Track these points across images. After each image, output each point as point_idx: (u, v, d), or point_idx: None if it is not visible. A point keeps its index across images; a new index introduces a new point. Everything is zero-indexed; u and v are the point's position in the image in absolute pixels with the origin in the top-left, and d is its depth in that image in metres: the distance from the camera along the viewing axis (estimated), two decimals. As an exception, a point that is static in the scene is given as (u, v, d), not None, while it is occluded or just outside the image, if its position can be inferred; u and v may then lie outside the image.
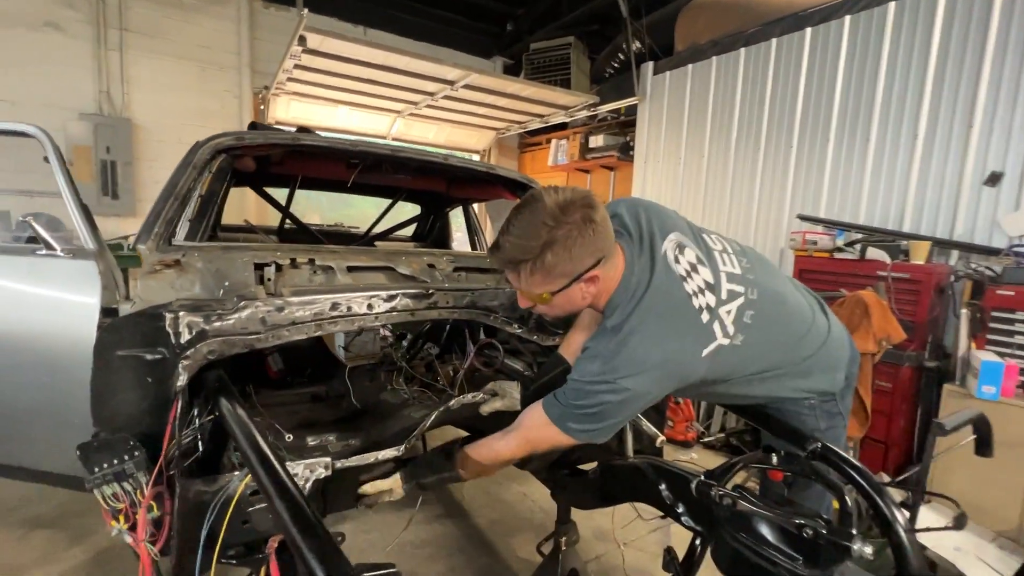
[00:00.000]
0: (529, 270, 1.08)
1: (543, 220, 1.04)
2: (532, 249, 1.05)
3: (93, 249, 1.36)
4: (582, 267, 1.08)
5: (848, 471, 1.06)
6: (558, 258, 1.05)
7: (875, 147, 3.33)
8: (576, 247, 1.05)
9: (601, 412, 1.11)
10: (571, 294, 1.13)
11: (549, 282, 1.10)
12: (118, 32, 5.07)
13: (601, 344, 1.14)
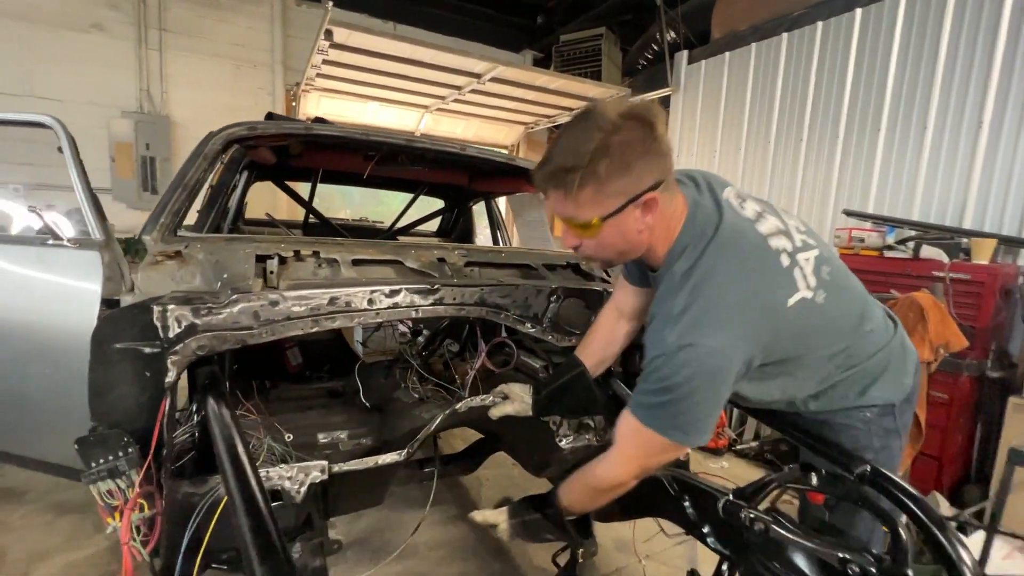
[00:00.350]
0: (578, 182, 0.90)
1: (598, 125, 0.89)
2: (583, 155, 0.89)
3: (100, 240, 1.35)
4: (640, 185, 0.91)
5: (903, 500, 0.92)
6: (613, 168, 0.89)
7: (933, 136, 3.06)
8: (635, 159, 0.90)
9: (692, 393, 0.92)
10: (624, 223, 0.95)
11: (600, 201, 0.92)
12: (158, 32, 5.23)
13: (669, 301, 0.96)
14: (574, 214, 0.96)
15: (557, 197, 0.96)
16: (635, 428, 0.99)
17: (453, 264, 1.49)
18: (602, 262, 1.09)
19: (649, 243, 1.01)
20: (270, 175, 2.77)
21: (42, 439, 1.35)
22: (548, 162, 0.94)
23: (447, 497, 2.70)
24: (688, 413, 0.95)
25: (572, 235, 1.01)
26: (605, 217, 0.94)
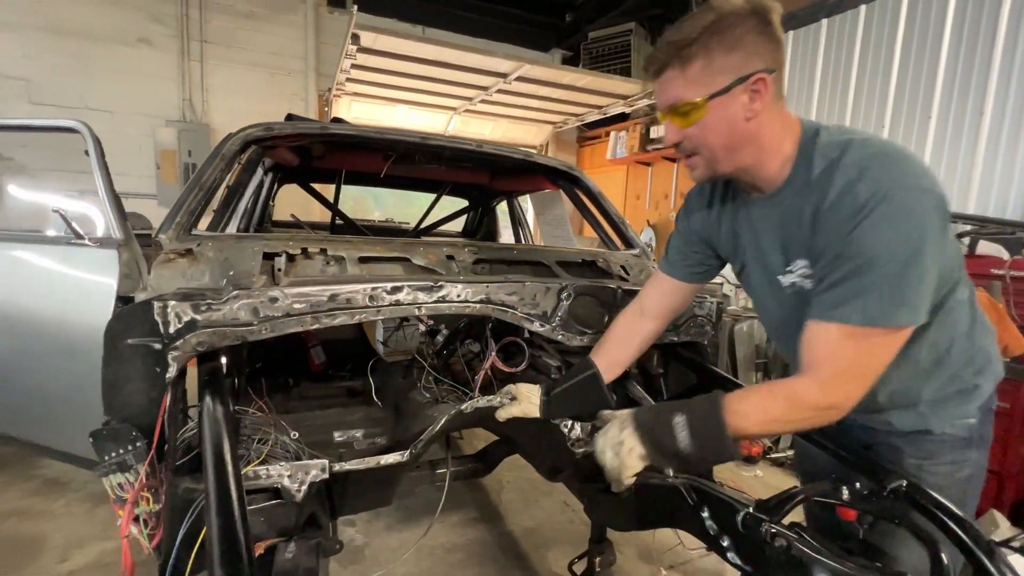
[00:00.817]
0: (686, 56, 0.88)
1: (714, 6, 0.88)
2: (694, 29, 0.87)
3: (120, 239, 1.38)
4: (749, 65, 0.87)
5: (944, 519, 0.82)
6: (723, 43, 0.87)
7: (991, 122, 2.82)
8: (746, 36, 0.87)
9: (910, 231, 0.80)
10: (731, 105, 0.89)
11: (708, 79, 0.88)
12: (199, 44, 5.46)
13: (813, 196, 0.89)
14: (680, 94, 0.91)
15: (665, 79, 0.93)
16: (844, 334, 0.85)
17: (462, 261, 1.46)
18: (706, 164, 0.97)
19: (757, 140, 0.93)
20: (295, 177, 2.82)
21: (66, 431, 1.40)
22: (658, 44, 0.93)
23: (467, 500, 2.67)
24: (908, 280, 0.82)
25: (675, 128, 0.96)
26: (711, 96, 0.89)
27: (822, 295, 0.89)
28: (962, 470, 1.03)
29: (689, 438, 0.95)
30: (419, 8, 6.36)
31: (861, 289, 0.83)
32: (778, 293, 1.05)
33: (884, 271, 0.82)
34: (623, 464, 1.01)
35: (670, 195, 6.01)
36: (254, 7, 5.63)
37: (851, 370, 0.87)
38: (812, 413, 0.90)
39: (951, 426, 1.03)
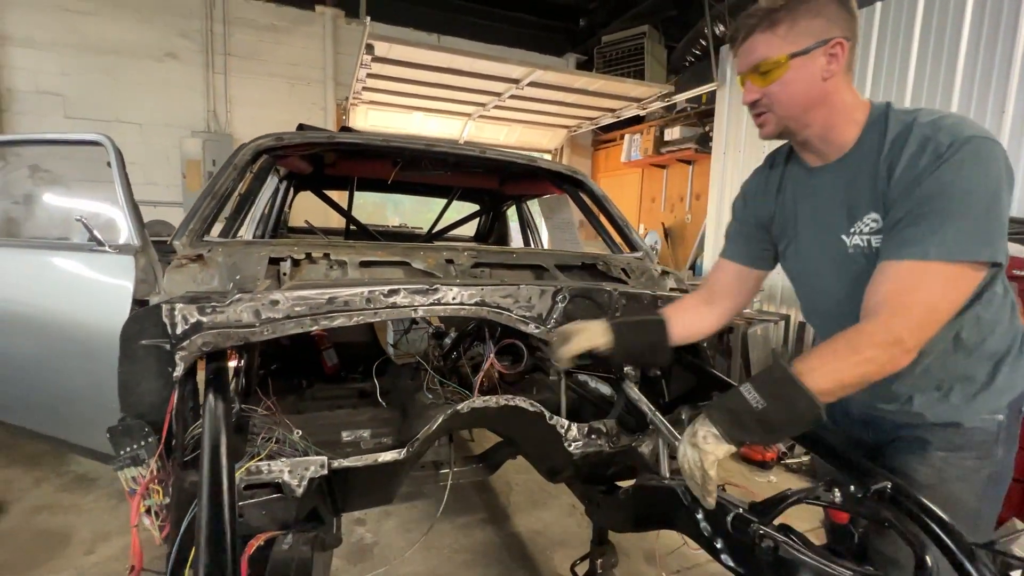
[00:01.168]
0: (774, 20, 0.97)
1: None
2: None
3: (137, 245, 1.46)
4: (829, 31, 0.95)
5: (926, 521, 0.81)
6: (808, 10, 0.95)
7: (1013, 121, 2.74)
8: (829, 8, 0.95)
9: (972, 180, 0.84)
10: (810, 66, 0.96)
11: (791, 37, 0.96)
12: (223, 57, 5.66)
13: (897, 119, 0.96)
14: (765, 53, 0.99)
15: (751, 42, 1.01)
16: (918, 270, 0.86)
17: (460, 265, 1.50)
18: (777, 120, 1.03)
19: (829, 102, 0.99)
20: (310, 185, 2.91)
21: (88, 428, 1.48)
22: (750, 12, 1.01)
23: (475, 502, 2.70)
24: (989, 219, 0.85)
25: (754, 87, 1.03)
26: (793, 55, 0.96)
27: (896, 235, 0.91)
28: (986, 467, 1.03)
29: (760, 398, 0.90)
30: (435, 17, 6.46)
31: (941, 224, 0.85)
32: (838, 257, 1.05)
33: (967, 206, 0.84)
34: (703, 452, 0.93)
35: (685, 197, 5.96)
36: (275, 20, 5.81)
37: (919, 305, 0.86)
38: (877, 352, 0.86)
39: (980, 420, 1.03)
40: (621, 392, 1.58)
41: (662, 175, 6.32)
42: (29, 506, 2.47)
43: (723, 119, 4.70)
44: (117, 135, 5.58)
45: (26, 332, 1.54)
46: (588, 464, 1.54)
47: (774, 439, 1.01)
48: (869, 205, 0.99)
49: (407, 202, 7.20)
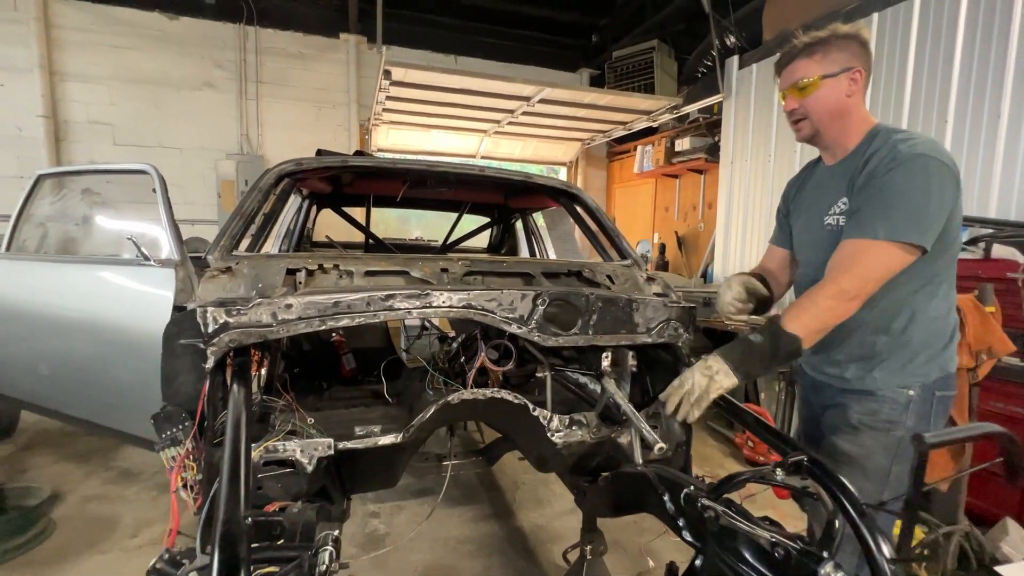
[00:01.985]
0: (812, 50, 1.26)
1: (829, 28, 1.28)
2: (821, 33, 1.27)
3: (177, 259, 1.69)
4: (853, 62, 1.25)
5: (833, 488, 0.93)
6: (838, 46, 1.25)
7: (1008, 125, 2.77)
8: (853, 46, 1.25)
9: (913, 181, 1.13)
10: (837, 86, 1.26)
11: (825, 64, 1.25)
12: (255, 85, 6.07)
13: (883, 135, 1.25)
14: (804, 73, 1.28)
15: (793, 66, 1.30)
16: (866, 244, 1.14)
17: (453, 273, 1.67)
18: (812, 126, 1.33)
19: (847, 116, 1.28)
20: (330, 203, 3.15)
21: (135, 418, 1.71)
22: (792, 45, 1.31)
23: (482, 498, 2.85)
24: (922, 210, 1.12)
25: (793, 99, 1.32)
26: (825, 76, 1.25)
27: (853, 219, 1.20)
28: (896, 431, 1.24)
29: (760, 337, 1.15)
30: (452, 39, 6.75)
31: (885, 213, 1.13)
32: (818, 232, 1.36)
33: (906, 202, 1.12)
34: (712, 382, 1.15)
35: (698, 206, 6.03)
36: (303, 48, 6.21)
37: (861, 266, 1.14)
38: (830, 301, 1.14)
39: (892, 391, 1.25)
40: (603, 387, 1.72)
41: (675, 184, 6.41)
42: (81, 496, 2.74)
43: (730, 129, 4.79)
44: (159, 159, 6.04)
45: (84, 336, 1.79)
46: (573, 454, 1.68)
47: (769, 369, 1.27)
48: (844, 192, 1.29)
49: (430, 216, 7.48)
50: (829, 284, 1.16)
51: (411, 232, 7.06)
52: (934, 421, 1.26)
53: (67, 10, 5.44)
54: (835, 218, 1.31)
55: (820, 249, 1.33)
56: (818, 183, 1.43)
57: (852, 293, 1.13)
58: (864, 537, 0.85)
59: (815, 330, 1.16)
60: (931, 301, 1.25)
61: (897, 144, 1.19)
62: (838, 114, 1.30)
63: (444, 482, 1.89)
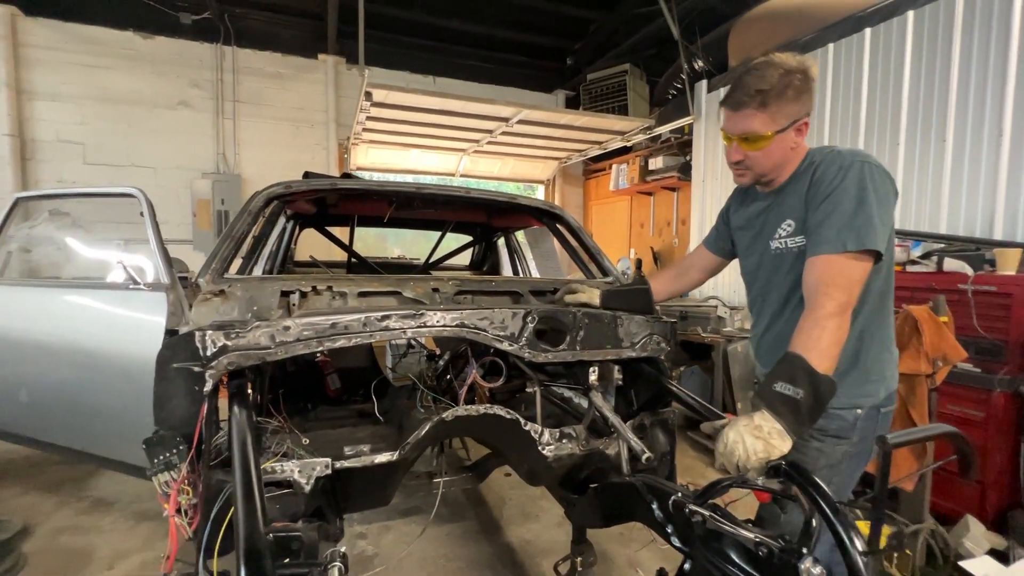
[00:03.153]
0: (763, 102, 1.23)
1: (781, 66, 1.23)
2: (773, 79, 1.21)
3: (167, 283, 1.70)
4: (801, 112, 1.26)
5: (809, 490, 1.01)
6: (788, 96, 1.23)
7: (953, 148, 3.01)
8: (803, 94, 1.24)
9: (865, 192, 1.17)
10: (786, 139, 1.27)
11: (776, 119, 1.24)
12: (232, 104, 6.04)
13: (811, 173, 1.27)
14: (754, 128, 1.26)
15: (743, 113, 1.27)
16: (833, 260, 1.17)
17: (444, 293, 1.73)
18: (755, 175, 1.36)
19: (790, 160, 1.31)
20: (314, 223, 3.17)
21: (122, 444, 1.69)
22: (742, 87, 1.26)
23: (470, 515, 2.86)
24: (875, 218, 1.16)
25: (739, 151, 1.32)
26: (776, 132, 1.25)
27: (813, 237, 1.23)
28: (842, 445, 1.30)
29: (796, 389, 1.07)
30: (431, 60, 6.87)
31: (848, 223, 1.17)
32: (765, 256, 1.41)
33: (862, 209, 1.16)
34: (770, 447, 1.05)
35: (672, 222, 6.23)
36: (281, 69, 6.23)
37: (840, 281, 1.16)
38: (831, 321, 1.13)
39: (842, 409, 1.29)
40: (590, 401, 1.79)
41: (649, 202, 6.62)
42: (52, 528, 2.64)
43: (700, 150, 5.00)
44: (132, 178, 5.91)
45: (69, 362, 1.77)
46: (563, 467, 1.73)
47: (810, 427, 1.15)
48: (788, 215, 1.33)
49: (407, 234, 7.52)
50: (825, 302, 1.14)
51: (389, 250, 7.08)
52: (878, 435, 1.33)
53: (36, 28, 5.35)
54: (782, 241, 1.34)
55: (770, 271, 1.39)
56: (760, 210, 1.44)
57: (848, 304, 1.15)
58: (839, 533, 0.92)
59: (833, 356, 1.12)
60: (876, 318, 1.30)
61: (834, 160, 1.24)
62: (782, 163, 1.32)
63: (436, 500, 1.91)
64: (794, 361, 1.11)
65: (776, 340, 1.40)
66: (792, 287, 1.33)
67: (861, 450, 1.31)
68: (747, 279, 1.53)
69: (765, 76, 1.23)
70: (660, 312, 1.85)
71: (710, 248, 1.72)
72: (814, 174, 1.27)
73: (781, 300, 1.38)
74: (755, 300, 1.50)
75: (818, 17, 3.73)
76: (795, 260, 1.31)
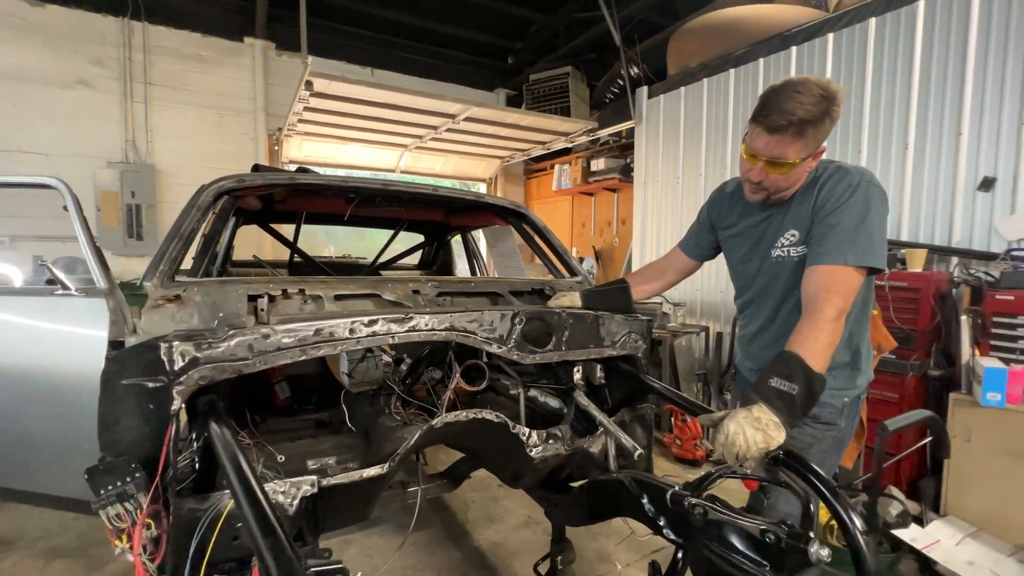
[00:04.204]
0: (800, 131, 1.23)
1: (823, 93, 1.23)
2: (814, 110, 1.22)
3: (104, 288, 1.49)
4: (822, 140, 1.30)
5: (809, 477, 1.08)
6: (825, 125, 1.26)
7: (867, 159, 3.36)
8: (827, 122, 1.26)
9: (877, 219, 1.26)
10: (806, 164, 1.32)
11: (807, 146, 1.27)
12: (143, 86, 5.44)
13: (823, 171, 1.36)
14: (785, 154, 1.28)
15: (780, 139, 1.26)
16: (835, 271, 1.25)
17: (426, 295, 1.66)
18: (770, 192, 1.39)
19: (802, 179, 1.37)
20: (256, 219, 2.93)
21: (51, 475, 1.46)
22: (781, 111, 1.24)
23: (434, 521, 2.79)
24: (869, 231, 1.26)
25: (762, 172, 1.34)
26: (804, 159, 1.29)
27: (815, 248, 1.31)
28: (832, 432, 1.42)
29: (791, 384, 1.14)
30: (369, 52, 6.60)
31: (851, 239, 1.26)
32: (764, 263, 1.48)
33: (864, 229, 1.26)
34: (769, 438, 1.09)
35: (612, 222, 6.45)
36: (200, 51, 5.69)
37: (839, 289, 1.24)
38: (829, 325, 1.20)
39: (833, 397, 1.41)
40: (572, 400, 1.80)
41: (591, 202, 6.80)
42: (-62, 578, 2.25)
43: (641, 153, 5.21)
44: (18, 165, 5.18)
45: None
46: (547, 467, 1.73)
47: (802, 420, 1.20)
48: (792, 225, 1.40)
49: (339, 231, 7.18)
50: (825, 307, 1.21)
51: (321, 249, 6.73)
52: (855, 419, 1.49)
53: None
54: (785, 250, 1.42)
55: (769, 277, 1.48)
56: (762, 219, 1.49)
57: (843, 311, 1.23)
58: (840, 514, 0.99)
59: (828, 358, 1.19)
60: (864, 319, 1.45)
61: (842, 178, 1.32)
62: (797, 182, 1.36)
63: (414, 512, 1.84)
64: (791, 359, 1.17)
65: (771, 338, 1.50)
66: (788, 291, 1.43)
67: (845, 434, 1.44)
68: (742, 283, 1.60)
69: (806, 104, 1.21)
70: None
71: (687, 252, 1.80)
72: (821, 189, 1.34)
73: (777, 303, 1.48)
74: (749, 302, 1.58)
75: (751, 32, 4.01)
76: (795, 267, 1.40)
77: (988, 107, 2.84)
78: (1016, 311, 2.45)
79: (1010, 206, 2.76)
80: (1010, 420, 2.33)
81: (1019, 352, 2.43)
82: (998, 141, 2.80)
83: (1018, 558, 2.23)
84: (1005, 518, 2.35)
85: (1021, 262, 2.60)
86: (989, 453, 2.40)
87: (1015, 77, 2.74)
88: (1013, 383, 2.34)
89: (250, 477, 0.93)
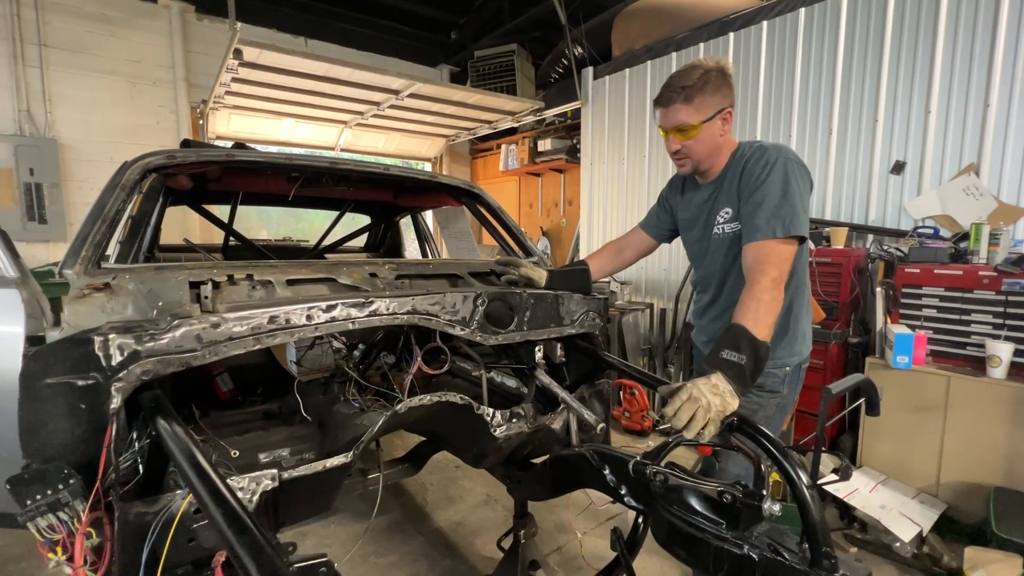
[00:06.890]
0: (689, 96, 1.42)
1: (703, 65, 1.44)
2: (694, 77, 1.42)
3: (15, 277, 1.32)
4: (724, 103, 1.45)
5: (759, 439, 1.16)
6: (712, 89, 1.43)
7: (796, 142, 3.58)
8: (721, 87, 1.44)
9: (788, 185, 1.37)
10: (713, 128, 1.46)
11: (702, 109, 1.43)
12: (37, 48, 4.81)
13: (743, 163, 1.46)
14: (683, 119, 1.45)
15: (673, 109, 1.46)
16: (770, 243, 1.35)
17: (384, 278, 1.61)
18: (693, 163, 1.54)
19: (721, 149, 1.51)
20: (187, 200, 2.70)
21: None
22: (669, 86, 1.47)
23: (392, 505, 2.77)
24: (798, 207, 1.36)
25: (675, 141, 1.51)
26: (703, 121, 1.44)
27: (747, 225, 1.41)
28: (775, 399, 1.54)
29: (739, 355, 1.21)
30: (302, 20, 6.19)
31: (775, 213, 1.36)
32: (708, 241, 1.60)
33: (787, 203, 1.36)
34: (727, 403, 1.17)
35: (559, 203, 6.51)
36: (105, 10, 5.09)
37: (772, 260, 1.34)
38: (767, 293, 1.29)
39: (775, 366, 1.52)
40: (533, 379, 1.82)
41: (537, 183, 6.83)
42: None
43: (588, 134, 5.27)
44: None
45: None
46: (511, 446, 1.75)
47: (752, 387, 1.27)
48: (725, 204, 1.52)
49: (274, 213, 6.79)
50: (761, 278, 1.31)
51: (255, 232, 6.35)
52: (798, 386, 1.62)
53: None
54: (721, 227, 1.54)
55: (713, 254, 1.59)
56: (704, 199, 1.61)
57: (780, 279, 1.32)
58: (787, 471, 1.08)
59: (770, 324, 1.28)
60: (800, 290, 1.56)
61: (760, 157, 1.43)
62: (715, 150, 1.51)
63: (376, 496, 1.81)
64: (737, 331, 1.25)
65: (718, 312, 1.62)
66: (729, 267, 1.54)
67: (788, 401, 1.54)
68: (695, 262, 1.72)
69: (687, 74, 1.45)
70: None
71: (648, 232, 1.88)
72: (744, 167, 1.46)
73: (721, 279, 1.58)
74: (700, 280, 1.71)
75: (692, 17, 4.12)
76: (732, 243, 1.50)
77: (900, 96, 3.10)
78: (921, 282, 2.73)
79: (917, 188, 3.05)
80: (915, 380, 2.62)
81: (924, 319, 2.72)
82: (908, 128, 3.08)
83: (919, 499, 2.54)
84: (910, 466, 2.66)
85: (926, 239, 2.89)
86: (897, 409, 2.69)
87: (923, 69, 3.01)
88: (918, 347, 2.62)
89: (213, 475, 0.88)
